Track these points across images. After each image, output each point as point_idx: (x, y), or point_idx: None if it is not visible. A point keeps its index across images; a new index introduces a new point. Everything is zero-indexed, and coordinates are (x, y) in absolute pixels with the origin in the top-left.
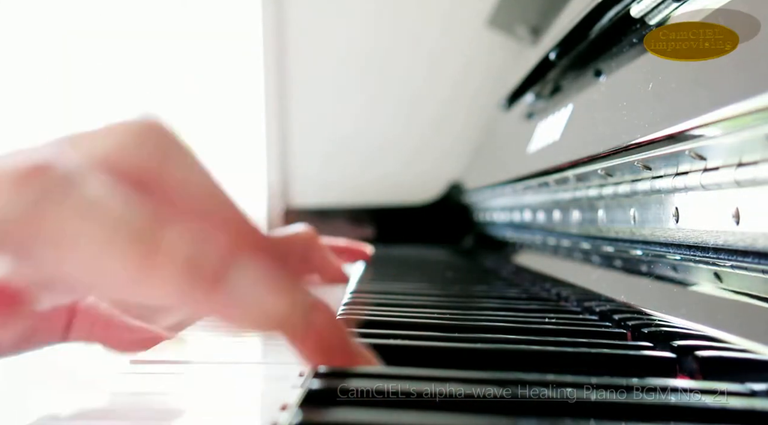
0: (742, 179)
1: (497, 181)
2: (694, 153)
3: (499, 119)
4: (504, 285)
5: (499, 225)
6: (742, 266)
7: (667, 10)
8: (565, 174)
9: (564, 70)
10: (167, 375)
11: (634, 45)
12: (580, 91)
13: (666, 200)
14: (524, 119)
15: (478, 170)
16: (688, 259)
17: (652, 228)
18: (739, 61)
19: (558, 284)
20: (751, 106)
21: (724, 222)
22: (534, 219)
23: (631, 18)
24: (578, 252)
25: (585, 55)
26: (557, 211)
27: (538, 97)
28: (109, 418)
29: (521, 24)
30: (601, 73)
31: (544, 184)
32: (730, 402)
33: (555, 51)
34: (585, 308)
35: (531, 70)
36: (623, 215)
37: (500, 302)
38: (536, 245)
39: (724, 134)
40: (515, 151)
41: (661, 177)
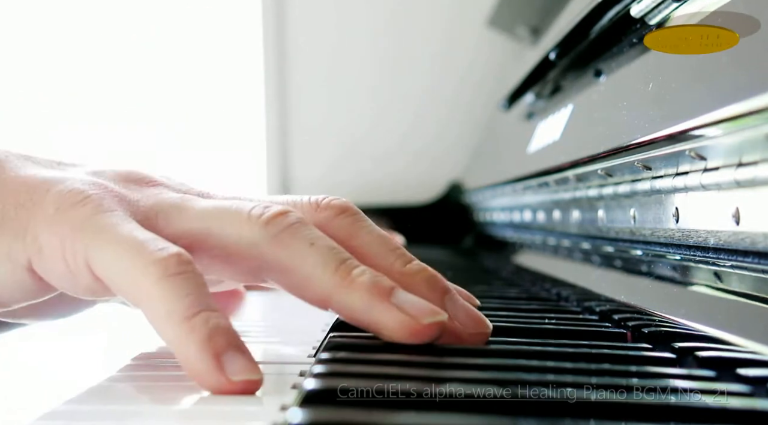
0: (742, 179)
1: (497, 181)
2: (694, 153)
3: (499, 119)
4: (504, 285)
5: (499, 225)
6: (742, 266)
7: (667, 10)
8: (565, 174)
9: (564, 70)
10: (167, 375)
11: (634, 45)
12: (580, 91)
13: (666, 200)
14: (524, 119)
15: (478, 170)
16: (688, 259)
17: (652, 228)
18: (739, 61)
19: (558, 284)
20: (751, 106)
21: (724, 222)
22: (534, 219)
23: (631, 18)
24: (578, 252)
25: (585, 55)
26: (557, 211)
27: (538, 97)
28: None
29: (521, 24)
30: (601, 73)
31: (544, 184)
32: (730, 402)
33: (555, 51)
34: (585, 308)
35: (531, 70)
36: (623, 215)
37: (500, 302)
38: (536, 245)
39: (724, 134)
40: (515, 151)
41: (661, 177)
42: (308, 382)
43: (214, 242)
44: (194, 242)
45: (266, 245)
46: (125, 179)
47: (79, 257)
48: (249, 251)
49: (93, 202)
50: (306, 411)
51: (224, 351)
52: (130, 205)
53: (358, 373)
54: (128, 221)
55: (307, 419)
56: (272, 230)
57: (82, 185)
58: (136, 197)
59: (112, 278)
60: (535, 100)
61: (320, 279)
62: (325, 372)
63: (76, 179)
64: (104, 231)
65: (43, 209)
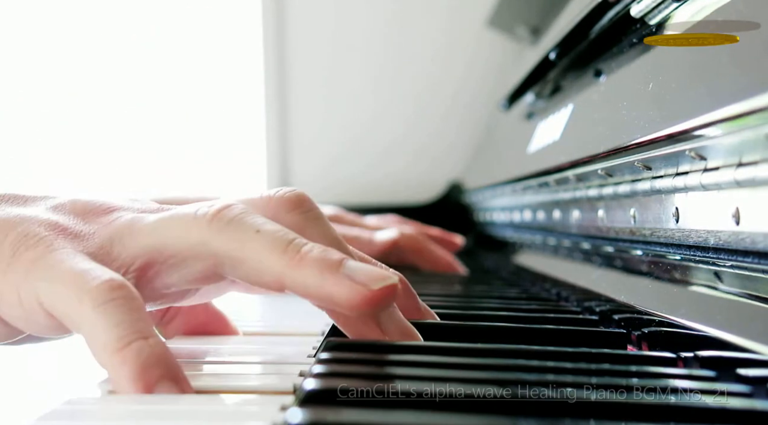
0: (742, 179)
1: (497, 181)
2: (695, 153)
3: (499, 119)
4: (504, 285)
5: (499, 225)
6: (742, 266)
7: (667, 10)
8: (565, 174)
9: (564, 70)
10: None
11: (634, 45)
12: (580, 91)
13: (666, 200)
14: (524, 119)
15: (478, 170)
16: (688, 259)
17: (652, 228)
18: (739, 61)
19: (558, 284)
20: (751, 106)
21: (724, 222)
22: (534, 219)
23: (631, 18)
24: (578, 252)
25: (585, 55)
26: (557, 211)
27: (538, 97)
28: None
29: (521, 24)
30: (601, 73)
31: (544, 184)
32: (730, 402)
33: (555, 51)
34: (585, 308)
35: (531, 70)
36: (623, 215)
37: (500, 302)
38: (536, 245)
39: (724, 134)
40: (515, 151)
41: (661, 177)
42: (308, 382)
43: (169, 252)
44: (151, 258)
45: (215, 240)
46: (83, 210)
47: (32, 296)
48: (200, 250)
49: (44, 243)
50: (306, 411)
51: (156, 382)
52: (84, 239)
53: (357, 373)
54: (74, 256)
55: (307, 419)
56: (218, 225)
57: (38, 226)
58: (91, 229)
59: (58, 310)
60: (535, 100)
61: (270, 262)
62: (324, 372)
63: (34, 219)
64: (52, 268)
65: (2, 255)
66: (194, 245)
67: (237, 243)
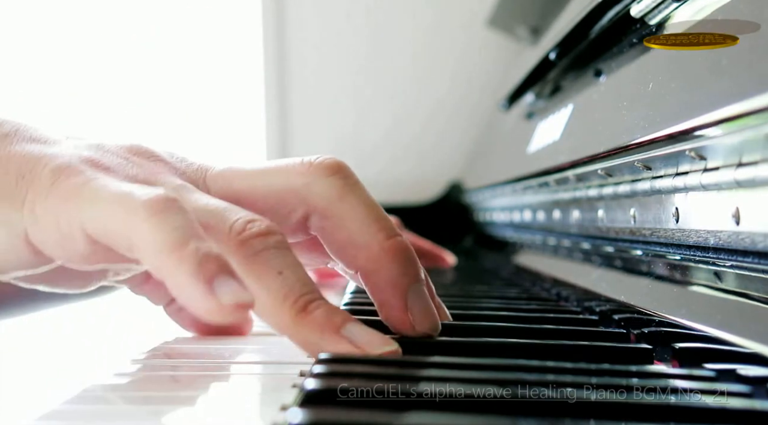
0: (742, 179)
1: (497, 181)
2: (694, 153)
3: (499, 119)
4: (504, 285)
5: (499, 225)
6: (742, 266)
7: (667, 10)
8: (565, 174)
9: (564, 70)
10: (167, 375)
11: (634, 45)
12: (580, 91)
13: (666, 200)
14: (524, 119)
15: (478, 170)
16: (688, 259)
17: (652, 228)
18: (739, 61)
19: (558, 284)
20: (751, 106)
21: (724, 222)
22: (534, 219)
23: (631, 18)
24: (578, 252)
25: (585, 55)
26: (557, 211)
27: (538, 97)
28: (106, 417)
29: (521, 24)
30: (601, 73)
31: (544, 184)
32: (730, 402)
33: (555, 51)
34: (585, 308)
35: (531, 70)
36: (623, 215)
37: (500, 302)
38: (536, 245)
39: (724, 134)
40: (515, 151)
41: (661, 177)
42: (308, 382)
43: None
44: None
45: (237, 262)
46: (128, 151)
47: (74, 222)
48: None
49: (84, 174)
50: (306, 411)
51: (215, 276)
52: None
53: (358, 373)
54: (116, 180)
55: (307, 419)
56: (246, 252)
57: (78, 160)
58: (134, 171)
59: (106, 231)
60: (535, 100)
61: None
62: (325, 372)
63: (74, 154)
64: (95, 193)
65: (41, 182)
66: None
67: (256, 278)
